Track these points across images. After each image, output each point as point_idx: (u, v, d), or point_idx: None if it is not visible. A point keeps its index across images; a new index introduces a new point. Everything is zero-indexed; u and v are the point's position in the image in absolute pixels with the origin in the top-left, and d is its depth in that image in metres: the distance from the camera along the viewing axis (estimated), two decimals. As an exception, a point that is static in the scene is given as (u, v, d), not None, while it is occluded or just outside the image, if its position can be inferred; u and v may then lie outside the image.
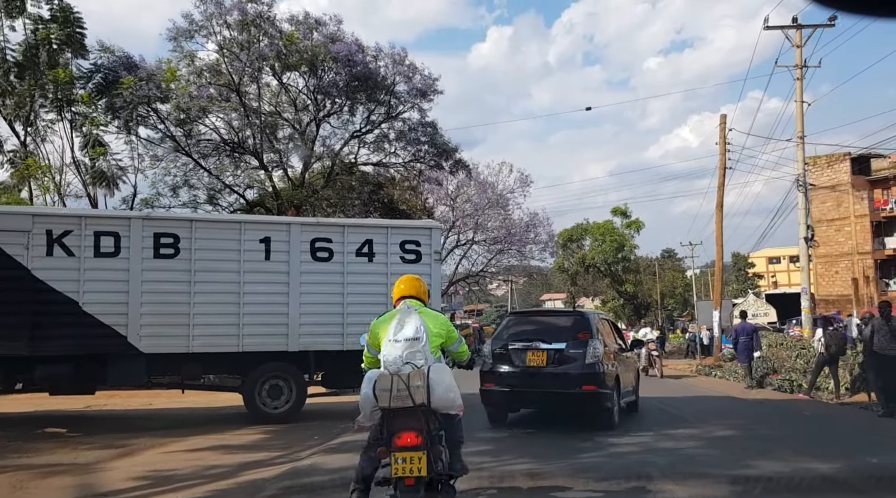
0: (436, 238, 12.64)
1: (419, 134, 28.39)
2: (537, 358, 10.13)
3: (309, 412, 12.74)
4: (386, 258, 12.29)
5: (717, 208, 25.71)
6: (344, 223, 12.74)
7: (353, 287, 12.12)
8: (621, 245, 47.57)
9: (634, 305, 50.56)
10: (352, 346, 11.91)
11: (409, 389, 4.68)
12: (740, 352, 19.26)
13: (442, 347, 5.26)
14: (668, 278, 60.72)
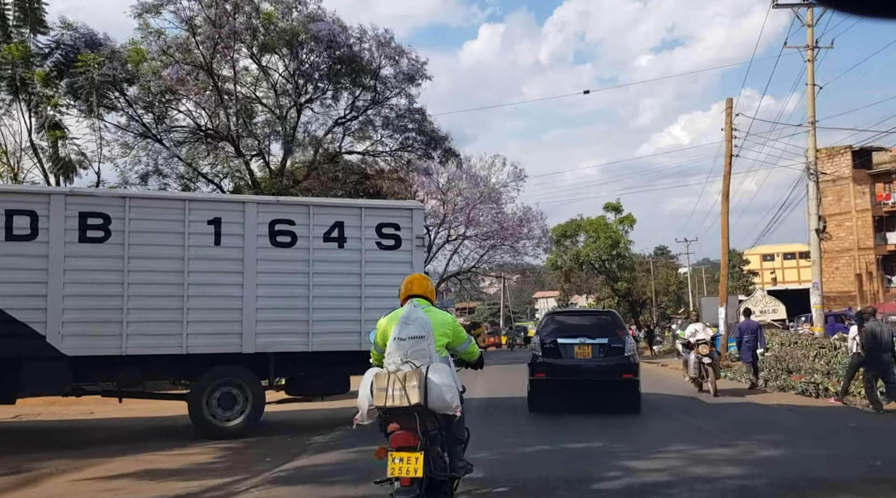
0: (418, 220, 10.69)
1: (406, 121, 26.44)
2: (585, 351, 11.65)
3: (269, 424, 10.79)
4: (359, 243, 10.34)
5: (722, 198, 23.87)
6: (309, 202, 10.76)
7: (321, 277, 10.17)
8: (616, 241, 45.63)
9: (629, 302, 48.63)
10: (320, 346, 10.00)
11: (404, 389, 4.52)
12: (744, 351, 17.78)
13: (449, 346, 5.14)
14: (661, 276, 58.87)
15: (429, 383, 4.59)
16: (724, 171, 23.92)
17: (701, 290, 67.61)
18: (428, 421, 4.66)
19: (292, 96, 25.31)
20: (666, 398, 14.36)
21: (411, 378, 4.55)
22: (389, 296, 10.54)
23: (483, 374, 9.22)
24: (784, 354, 19.13)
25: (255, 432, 9.84)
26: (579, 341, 11.72)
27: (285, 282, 10.03)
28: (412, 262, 10.52)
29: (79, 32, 21.05)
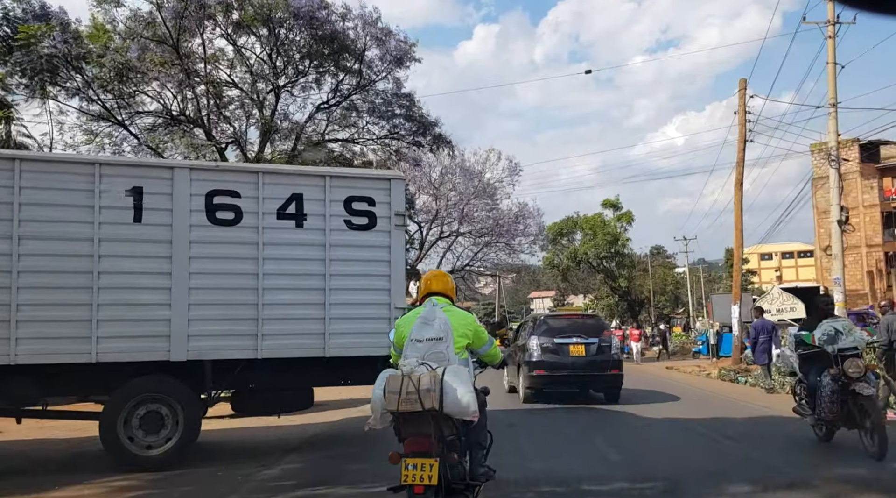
0: (397, 194, 8.42)
1: (394, 107, 24.17)
2: (579, 350, 12.87)
3: (205, 446, 8.54)
4: (324, 222, 8.07)
5: (735, 186, 21.70)
6: (259, 169, 8.49)
7: (274, 264, 7.90)
8: (614, 239, 43.50)
9: (628, 301, 46.46)
10: (272, 352, 7.74)
11: (418, 393, 4.15)
12: (759, 353, 16.14)
13: (469, 348, 4.80)
14: (658, 275, 56.76)
15: (445, 387, 4.24)
16: (737, 158, 21.78)
17: (698, 290, 65.54)
18: (444, 426, 4.32)
19: (270, 79, 23.04)
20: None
21: (426, 381, 4.21)
22: (362, 288, 8.30)
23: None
24: (812, 356, 16.90)
25: (187, 461, 7.57)
26: (574, 341, 13.05)
27: (227, 269, 7.76)
28: (391, 245, 8.27)
29: (31, 5, 18.77)
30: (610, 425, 10.30)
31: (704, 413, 11.45)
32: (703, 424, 10.13)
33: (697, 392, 15.67)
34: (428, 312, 4.58)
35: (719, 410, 11.92)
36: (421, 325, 4.53)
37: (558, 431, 9.56)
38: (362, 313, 8.15)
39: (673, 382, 18.47)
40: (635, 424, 10.34)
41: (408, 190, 34.29)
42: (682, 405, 12.98)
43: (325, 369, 8.19)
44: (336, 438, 9.61)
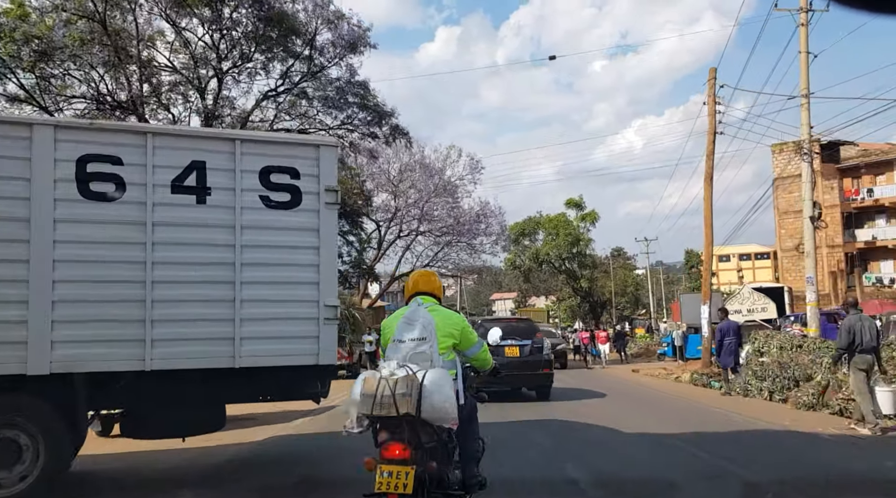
0: (328, 165, 6.68)
1: (347, 95, 22.45)
2: (514, 351, 13.46)
3: (80, 477, 6.74)
4: (233, 197, 6.32)
5: (705, 181, 20.43)
6: (148, 129, 6.69)
7: (167, 250, 6.14)
8: (576, 239, 42.30)
9: (590, 303, 45.30)
10: (166, 362, 6.01)
11: (393, 397, 3.84)
12: (725, 354, 15.24)
13: (457, 349, 4.44)
14: (618, 277, 55.90)
15: (424, 391, 3.87)
16: (706, 150, 20.49)
17: (657, 291, 64.91)
18: (423, 432, 3.96)
19: (212, 64, 21.13)
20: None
21: (402, 385, 3.87)
22: (284, 281, 6.56)
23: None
24: (787, 360, 15.62)
25: (47, 496, 5.77)
26: (509, 343, 13.33)
27: (105, 257, 5.96)
28: (319, 228, 6.55)
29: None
30: (582, 444, 8.74)
31: (685, 426, 9.95)
32: (690, 442, 8.61)
33: (671, 400, 14.26)
34: (412, 311, 4.32)
35: (701, 423, 10.44)
36: (404, 325, 4.26)
37: (521, 452, 7.95)
38: (284, 313, 6.44)
39: (643, 388, 17.08)
40: (612, 442, 8.79)
41: (366, 187, 32.58)
42: (657, 416, 11.51)
43: (238, 383, 6.46)
44: (257, 464, 7.87)
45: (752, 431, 9.44)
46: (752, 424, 10.05)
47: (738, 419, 10.64)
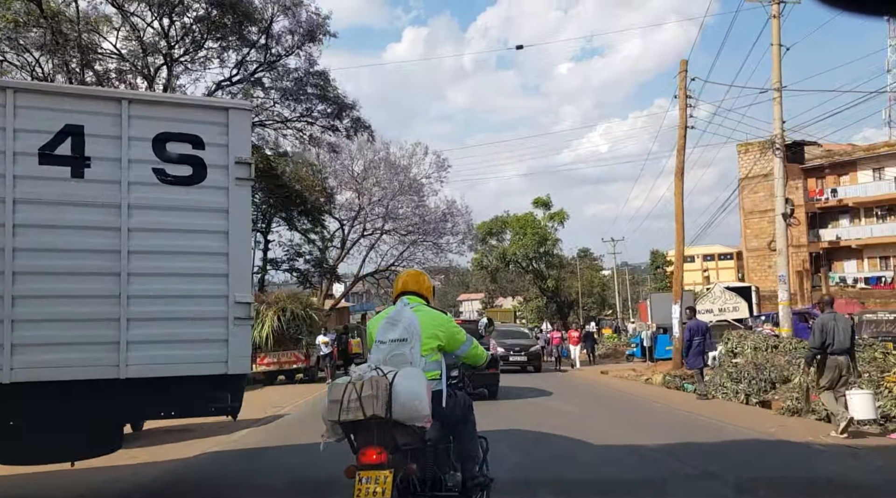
0: (239, 132, 5.45)
1: (306, 86, 21.18)
2: None
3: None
4: (118, 170, 5.09)
5: (676, 176, 19.54)
6: (7, 85, 5.37)
7: (33, 234, 4.89)
8: (543, 238, 41.39)
9: (557, 303, 44.43)
10: (31, 372, 4.76)
11: (360, 400, 3.65)
12: (693, 355, 14.28)
13: (443, 350, 4.18)
14: (585, 277, 55.21)
15: (395, 391, 3.68)
16: (677, 145, 19.61)
17: (623, 292, 64.47)
18: (399, 434, 3.78)
19: (162, 51, 19.71)
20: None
21: (367, 387, 3.68)
22: (184, 273, 5.29)
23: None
24: (763, 361, 14.76)
25: None
26: None
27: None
28: (228, 208, 5.34)
29: None
30: (553, 459, 7.62)
31: (666, 435, 8.89)
32: (672, 453, 7.56)
33: (645, 404, 13.25)
34: (396, 312, 4.14)
35: (681, 431, 9.41)
36: (386, 325, 4.08)
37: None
38: (184, 311, 5.22)
39: (615, 392, 16.07)
40: (587, 456, 7.67)
41: (326, 182, 31.26)
42: (634, 424, 10.46)
43: (127, 397, 5.21)
44: (188, 484, 6.63)
45: (739, 441, 8.42)
46: (736, 433, 9.04)
47: (720, 426, 9.64)
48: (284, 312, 18.02)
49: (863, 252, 38.11)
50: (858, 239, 37.80)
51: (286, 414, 11.64)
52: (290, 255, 28.39)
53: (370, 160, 33.10)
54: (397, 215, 34.37)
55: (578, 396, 14.73)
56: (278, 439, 9.14)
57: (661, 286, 60.86)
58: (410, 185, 33.99)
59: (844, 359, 8.74)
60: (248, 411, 9.58)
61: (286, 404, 13.33)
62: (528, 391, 15.40)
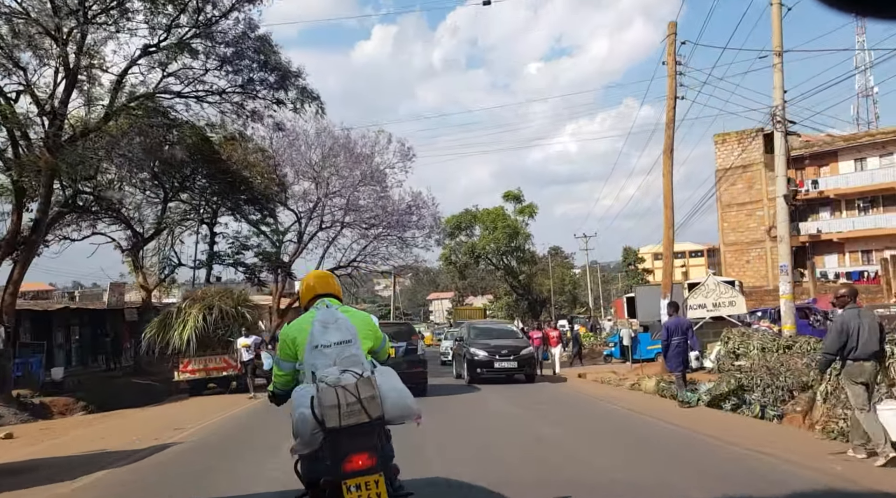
0: None
1: (245, 50, 18.06)
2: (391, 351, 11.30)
3: None
4: None
5: (664, 154, 16.88)
6: None
7: None
8: (515, 232, 38.69)
9: (528, 301, 41.71)
10: None
11: (360, 402, 3.43)
12: (672, 356, 12.27)
13: (372, 350, 3.95)
14: (556, 275, 52.69)
15: (383, 391, 3.53)
16: (666, 118, 16.96)
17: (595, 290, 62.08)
18: (381, 436, 3.63)
19: (75, 10, 16.46)
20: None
21: (365, 388, 3.47)
22: None
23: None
24: (777, 364, 12.05)
25: None
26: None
27: None
28: None
29: None
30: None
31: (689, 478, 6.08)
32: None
33: (646, 425, 10.36)
34: (326, 314, 3.75)
35: (711, 470, 6.61)
36: (321, 329, 3.66)
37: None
38: None
39: (601, 404, 13.19)
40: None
41: (283, 173, 28.13)
42: (644, 459, 7.60)
43: None
44: None
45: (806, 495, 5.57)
46: (790, 474, 6.23)
47: (764, 461, 6.82)
48: (211, 310, 14.96)
49: (844, 246, 36.01)
50: (840, 232, 35.69)
51: (179, 443, 8.64)
52: (237, 248, 25.17)
53: (329, 148, 30.05)
54: (358, 207, 31.37)
55: (559, 410, 11.89)
56: (140, 492, 6.13)
57: (633, 282, 58.66)
58: (373, 174, 30.99)
59: (871, 365, 6.79)
60: (141, 434, 6.88)
61: (193, 423, 10.35)
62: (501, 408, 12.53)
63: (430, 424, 9.10)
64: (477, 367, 16.62)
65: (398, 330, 15.76)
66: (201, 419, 10.27)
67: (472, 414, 11.46)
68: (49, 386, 18.60)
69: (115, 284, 22.51)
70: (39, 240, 16.75)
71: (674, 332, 12.36)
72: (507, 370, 16.77)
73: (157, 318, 16.71)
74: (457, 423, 10.04)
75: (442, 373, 20.56)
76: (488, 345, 16.94)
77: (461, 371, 17.67)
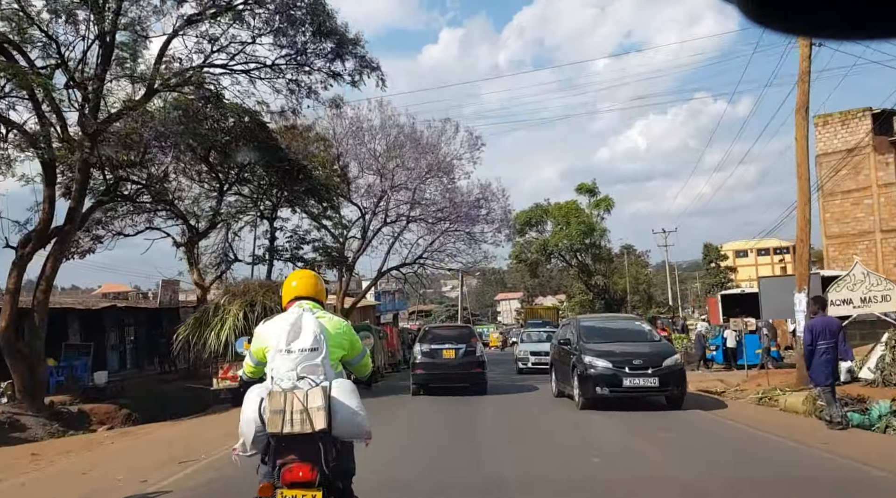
0: None
1: (295, 12, 15.56)
2: (450, 353, 15.23)
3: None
4: None
5: (798, 113, 13.27)
6: None
7: None
8: (590, 228, 35.21)
9: (605, 300, 38.08)
10: None
11: (307, 411, 3.30)
12: (818, 366, 9.14)
13: (343, 359, 3.83)
14: (631, 273, 48.74)
15: (334, 404, 3.40)
16: (800, 69, 13.38)
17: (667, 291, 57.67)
18: (328, 450, 3.38)
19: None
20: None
21: (314, 398, 3.33)
22: None
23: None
24: None
25: None
26: (446, 346, 15.29)
27: None
28: None
29: None
30: None
31: None
32: None
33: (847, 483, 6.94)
34: (297, 318, 3.57)
35: None
36: (291, 333, 3.51)
37: None
38: None
39: (742, 434, 9.71)
40: None
41: (345, 163, 25.77)
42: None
43: None
44: None
45: None
46: None
47: None
48: (253, 306, 12.49)
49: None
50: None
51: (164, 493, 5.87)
52: (295, 242, 22.83)
53: (394, 138, 27.50)
54: (424, 200, 28.72)
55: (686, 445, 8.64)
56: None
57: (715, 282, 54.02)
58: (440, 165, 28.29)
59: None
60: (138, 467, 5.62)
61: (211, 451, 7.71)
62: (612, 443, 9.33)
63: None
64: (596, 384, 11.10)
65: (459, 333, 16.46)
66: (223, 445, 7.63)
67: (576, 452, 8.10)
68: (91, 392, 16.60)
69: (167, 281, 20.48)
70: (74, 231, 14.69)
71: (819, 335, 9.27)
72: (643, 390, 11.23)
73: (192, 315, 14.45)
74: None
75: (520, 384, 17.18)
76: (611, 352, 11.45)
77: (567, 389, 12.56)
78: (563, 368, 12.87)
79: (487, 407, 12.65)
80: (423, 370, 15.00)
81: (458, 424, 10.74)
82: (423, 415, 12.42)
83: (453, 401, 13.81)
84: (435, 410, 12.69)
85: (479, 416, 11.58)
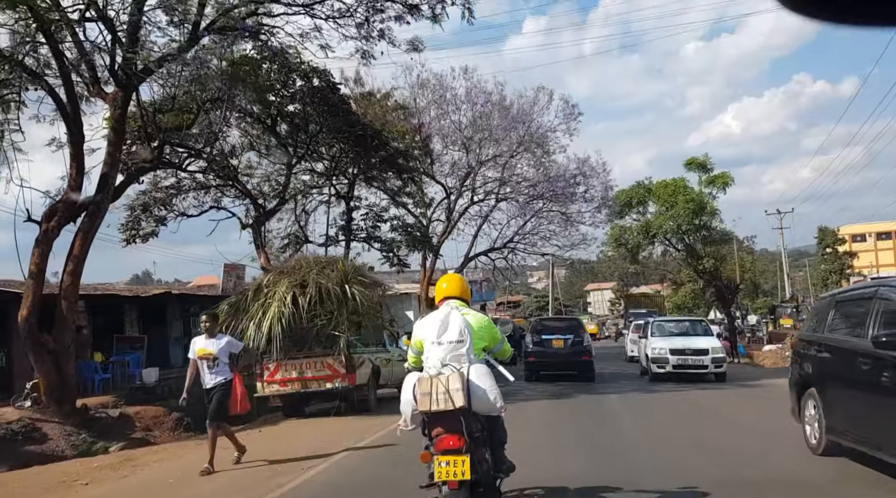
0: None
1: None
2: (559, 342, 16.21)
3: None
4: None
5: None
6: None
7: None
8: (700, 207, 30.25)
9: (716, 287, 32.96)
10: None
11: (448, 393, 4.05)
12: None
13: (486, 349, 4.64)
14: (739, 258, 43.03)
15: (472, 386, 4.16)
16: None
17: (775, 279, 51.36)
18: (472, 423, 4.16)
19: None
20: None
21: (454, 381, 4.09)
22: None
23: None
24: None
25: None
26: (556, 337, 16.23)
27: None
28: None
29: None
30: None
31: None
32: None
33: None
34: (446, 315, 4.42)
35: None
36: (441, 328, 4.35)
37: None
38: None
39: None
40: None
41: (427, 134, 22.39)
42: None
43: None
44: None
45: None
46: None
47: None
48: (304, 287, 9.19)
49: None
50: None
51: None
52: (371, 220, 19.61)
53: (481, 107, 23.83)
54: (515, 176, 24.99)
55: None
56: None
57: (831, 269, 47.40)
58: (532, 138, 24.46)
59: None
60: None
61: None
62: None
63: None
64: None
65: (569, 324, 17.96)
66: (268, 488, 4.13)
67: None
68: (139, 392, 13.91)
69: (229, 265, 17.71)
70: (107, 201, 11.91)
71: None
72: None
73: (228, 300, 11.39)
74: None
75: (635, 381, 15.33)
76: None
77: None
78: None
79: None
80: (535, 358, 16.21)
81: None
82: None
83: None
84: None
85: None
